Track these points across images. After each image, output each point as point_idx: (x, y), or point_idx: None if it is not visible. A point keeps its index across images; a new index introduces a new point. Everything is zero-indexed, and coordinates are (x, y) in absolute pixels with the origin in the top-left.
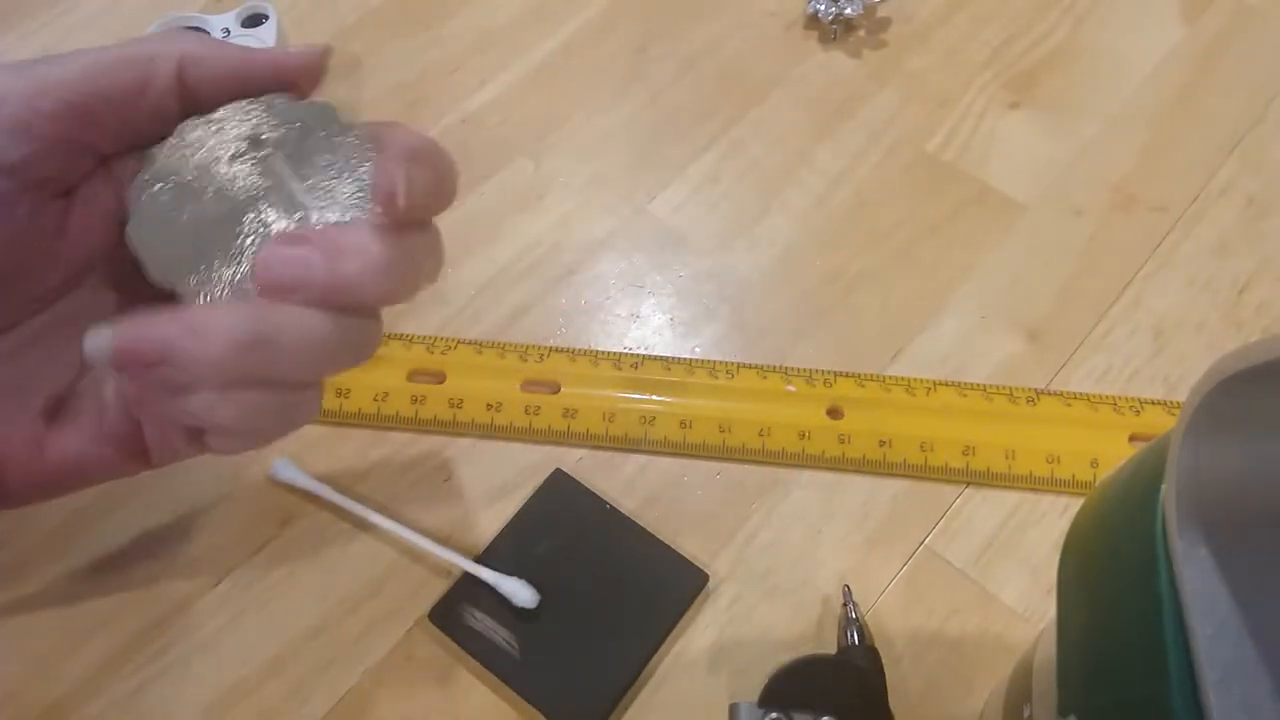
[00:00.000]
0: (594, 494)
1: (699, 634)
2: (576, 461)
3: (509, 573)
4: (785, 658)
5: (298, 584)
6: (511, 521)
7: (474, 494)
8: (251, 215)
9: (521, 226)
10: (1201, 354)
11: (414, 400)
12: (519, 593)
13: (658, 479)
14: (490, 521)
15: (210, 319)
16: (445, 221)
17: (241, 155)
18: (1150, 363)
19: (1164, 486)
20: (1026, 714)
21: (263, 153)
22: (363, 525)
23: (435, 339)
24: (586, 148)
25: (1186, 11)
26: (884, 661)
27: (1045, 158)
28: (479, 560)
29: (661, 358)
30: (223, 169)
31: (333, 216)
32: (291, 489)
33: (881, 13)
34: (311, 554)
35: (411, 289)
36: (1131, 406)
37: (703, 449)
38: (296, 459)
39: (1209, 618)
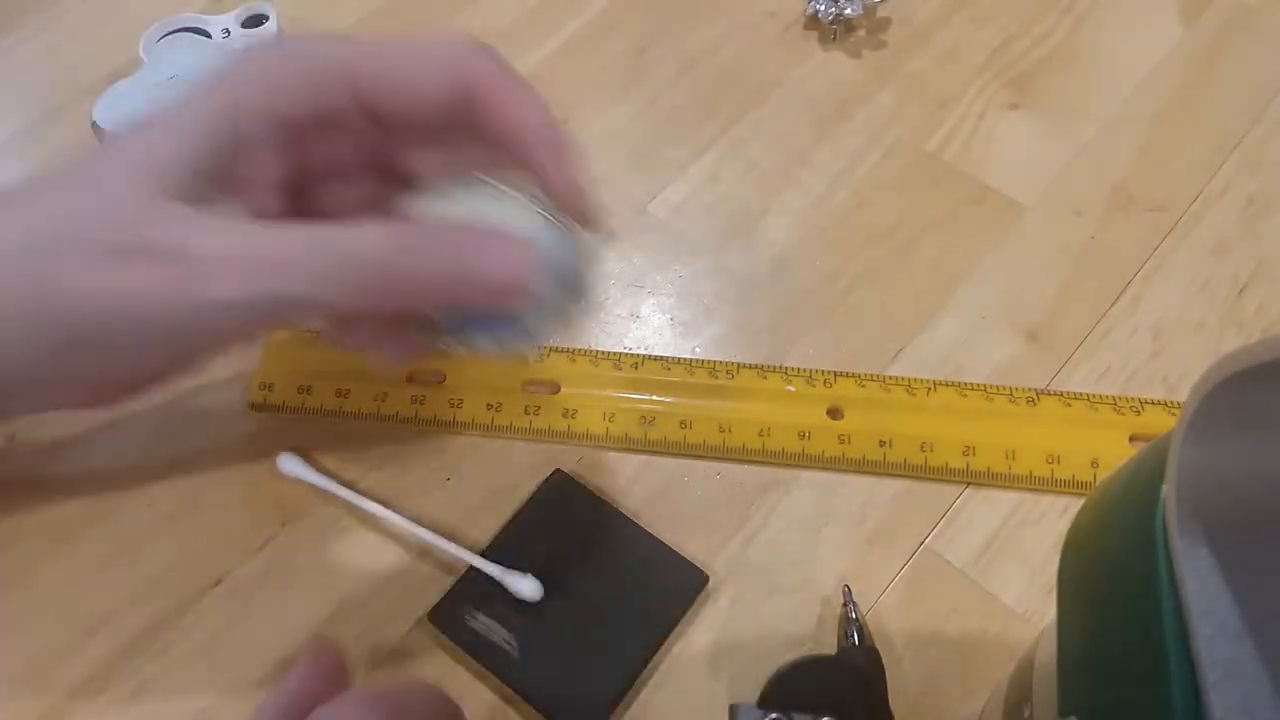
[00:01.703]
0: (594, 494)
1: (699, 634)
2: (576, 461)
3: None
4: (785, 658)
5: (298, 584)
6: (510, 522)
7: (474, 494)
8: None
9: None
10: (1201, 354)
11: (414, 400)
12: (522, 586)
13: (658, 479)
14: (489, 522)
15: None
16: None
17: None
18: (1150, 363)
19: (1164, 486)
20: (1027, 714)
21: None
22: (364, 522)
23: None
24: (586, 148)
25: (1186, 12)
26: (884, 661)
27: (1045, 158)
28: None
29: (661, 358)
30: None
31: None
32: (295, 484)
33: (881, 13)
34: (311, 554)
35: None
36: (1132, 406)
37: (703, 449)
38: (301, 454)
39: (1209, 618)
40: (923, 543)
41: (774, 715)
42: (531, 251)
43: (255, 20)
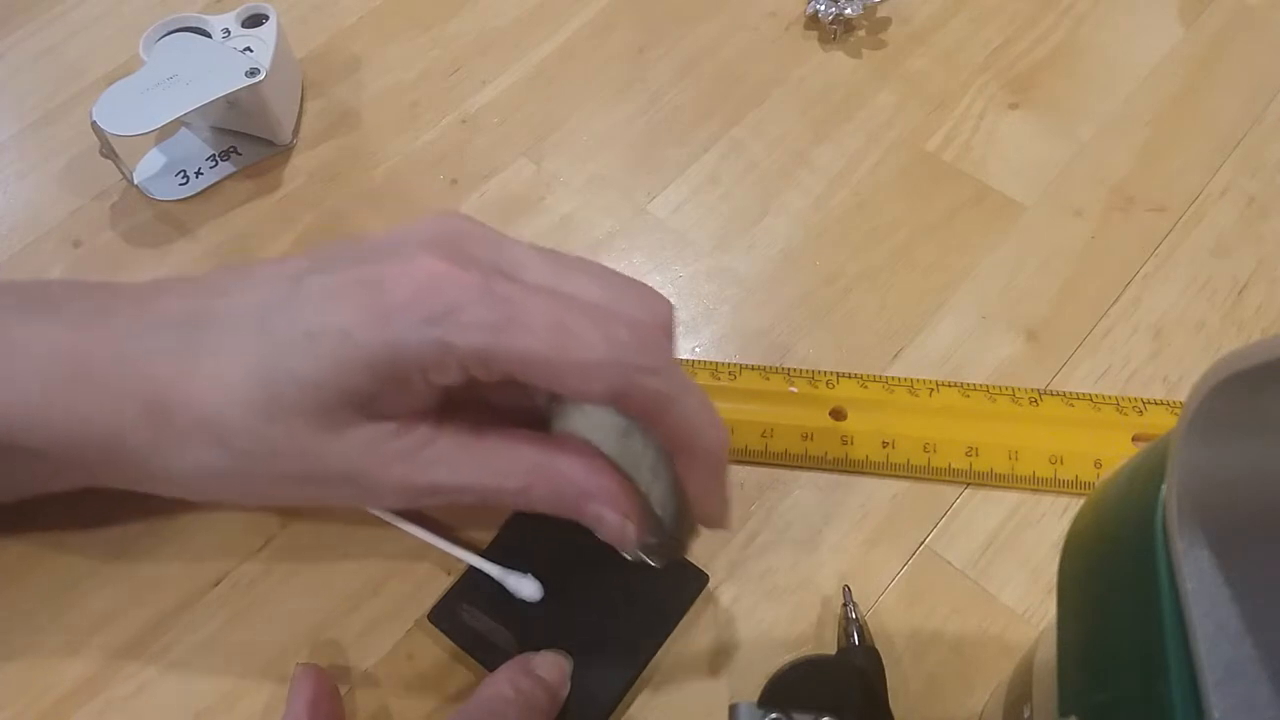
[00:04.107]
0: None
1: (699, 634)
2: None
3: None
4: (785, 658)
5: (298, 583)
6: (511, 522)
7: None
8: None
9: (522, 227)
10: (1201, 354)
11: None
12: (522, 586)
13: None
14: (489, 522)
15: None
16: None
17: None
18: (1150, 363)
19: (1164, 486)
20: (1026, 714)
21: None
22: (364, 522)
23: None
24: (586, 148)
25: (1185, 12)
26: (884, 661)
27: (1044, 158)
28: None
29: None
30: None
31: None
32: None
33: (881, 13)
34: (311, 553)
35: None
36: (1135, 407)
37: None
38: None
39: (1209, 618)
40: (923, 543)
41: (774, 715)
42: (639, 512)
43: (255, 20)
